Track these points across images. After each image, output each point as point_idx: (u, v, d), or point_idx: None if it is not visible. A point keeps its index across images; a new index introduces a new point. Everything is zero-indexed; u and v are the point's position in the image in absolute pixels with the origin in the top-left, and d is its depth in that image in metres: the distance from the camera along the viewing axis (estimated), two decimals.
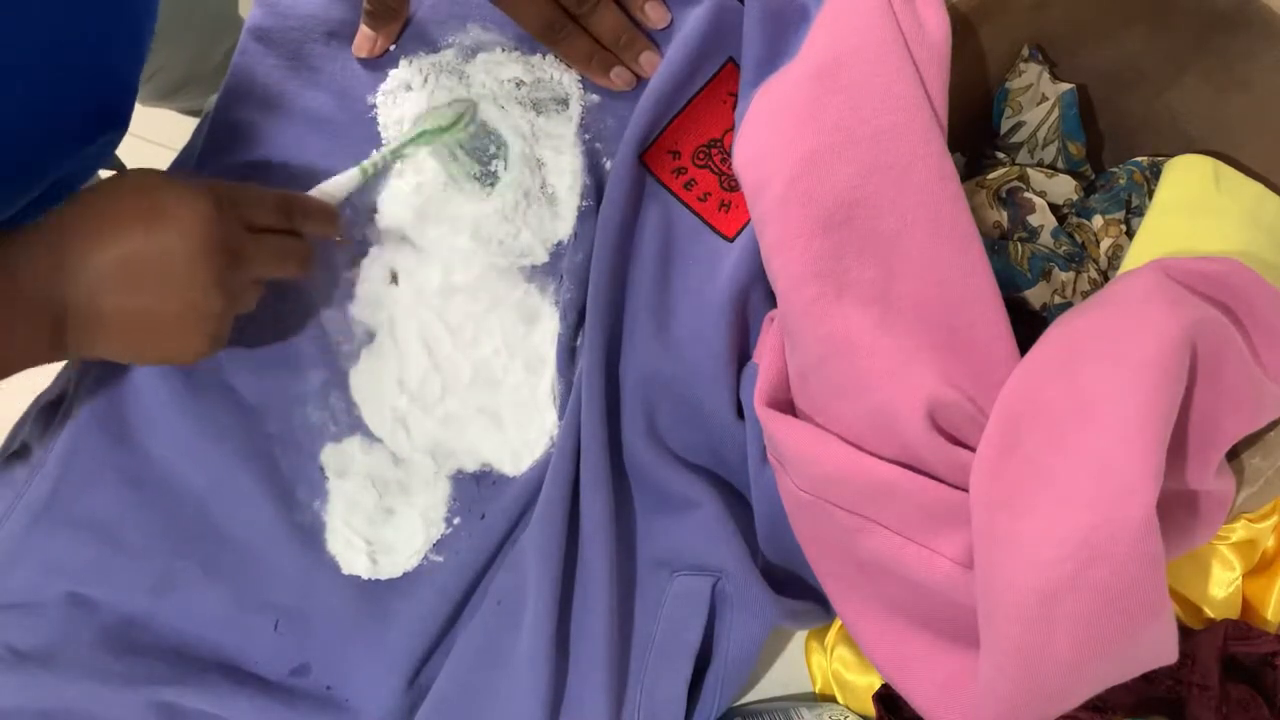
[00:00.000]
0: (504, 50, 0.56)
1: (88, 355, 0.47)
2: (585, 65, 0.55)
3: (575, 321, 0.55)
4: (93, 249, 0.44)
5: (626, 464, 0.54)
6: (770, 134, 0.45)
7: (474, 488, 0.55)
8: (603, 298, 0.53)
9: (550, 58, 0.56)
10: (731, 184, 0.55)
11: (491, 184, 0.55)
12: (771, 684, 0.56)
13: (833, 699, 0.55)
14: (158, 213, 0.45)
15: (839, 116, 0.43)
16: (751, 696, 0.56)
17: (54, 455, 0.54)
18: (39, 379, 0.57)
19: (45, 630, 0.54)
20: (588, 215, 0.55)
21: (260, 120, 0.56)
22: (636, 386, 0.53)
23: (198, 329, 0.47)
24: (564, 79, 0.56)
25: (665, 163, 0.55)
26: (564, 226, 0.56)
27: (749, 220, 0.52)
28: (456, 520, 0.55)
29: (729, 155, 0.55)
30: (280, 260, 0.50)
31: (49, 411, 0.56)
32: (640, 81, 0.55)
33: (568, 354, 0.55)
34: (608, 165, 0.56)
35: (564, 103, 0.56)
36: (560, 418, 0.55)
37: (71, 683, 0.53)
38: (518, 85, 0.56)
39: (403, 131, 0.55)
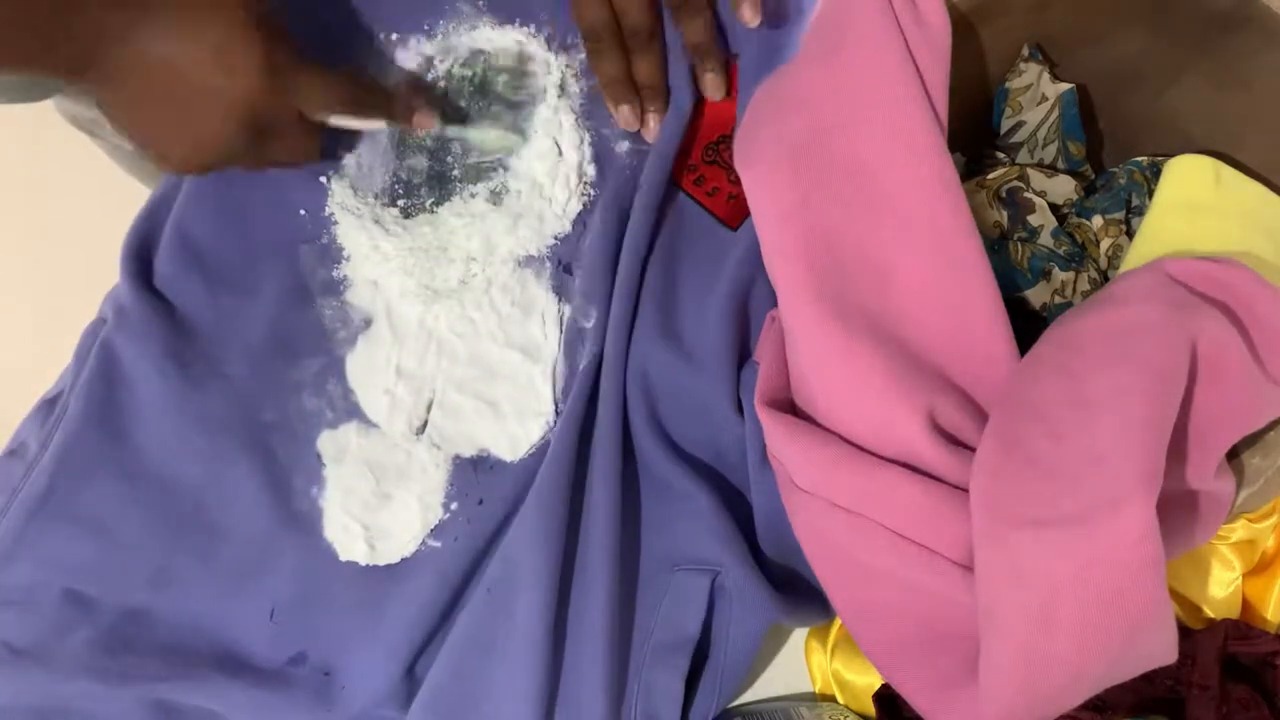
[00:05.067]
0: (495, 28, 0.57)
1: (81, 86, 0.46)
2: (604, 88, 0.55)
3: (574, 309, 0.55)
4: (149, 49, 0.44)
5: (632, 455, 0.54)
6: (770, 138, 0.45)
7: (471, 473, 0.55)
8: (605, 286, 0.53)
9: (545, 39, 0.57)
10: (739, 177, 0.55)
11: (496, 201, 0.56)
12: (771, 684, 0.56)
13: (833, 699, 0.55)
14: (221, 72, 0.45)
15: (838, 118, 0.43)
16: (751, 696, 0.56)
17: (49, 451, 0.54)
18: (40, 380, 0.58)
19: (41, 627, 0.53)
20: (588, 202, 0.55)
21: None
22: (639, 377, 0.53)
23: (177, 163, 0.49)
24: (558, 61, 0.56)
25: (677, 162, 0.55)
26: (564, 213, 0.56)
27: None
28: (454, 506, 0.55)
29: None
30: (290, 157, 0.52)
31: (46, 408, 0.56)
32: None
33: (566, 341, 0.55)
34: (611, 148, 0.56)
35: (560, 88, 0.57)
36: (558, 405, 0.55)
37: (67, 680, 0.52)
38: (513, 77, 0.56)
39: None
